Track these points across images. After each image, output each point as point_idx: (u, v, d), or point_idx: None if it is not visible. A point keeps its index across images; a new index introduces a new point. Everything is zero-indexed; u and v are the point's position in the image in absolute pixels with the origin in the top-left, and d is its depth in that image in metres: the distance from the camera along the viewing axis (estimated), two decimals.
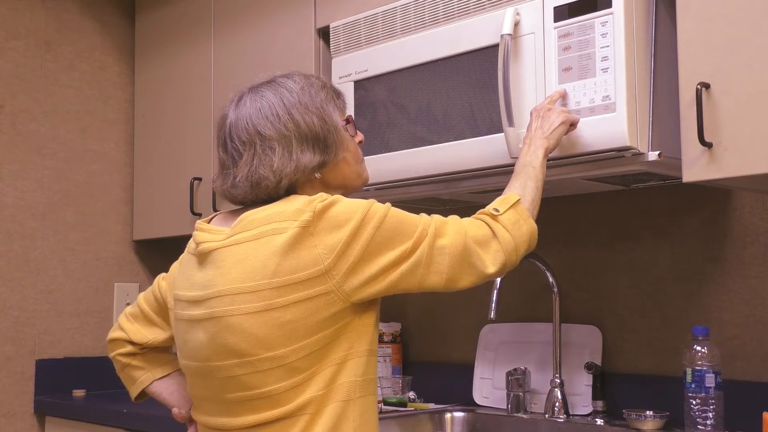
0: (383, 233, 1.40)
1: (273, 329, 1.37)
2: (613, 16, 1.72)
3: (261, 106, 1.50)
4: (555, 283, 2.20)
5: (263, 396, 1.40)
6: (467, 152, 1.95)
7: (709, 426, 1.81)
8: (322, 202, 1.39)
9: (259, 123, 1.49)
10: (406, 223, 1.43)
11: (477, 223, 1.52)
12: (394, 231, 1.41)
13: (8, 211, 2.89)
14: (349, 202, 1.41)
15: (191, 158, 2.83)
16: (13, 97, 2.92)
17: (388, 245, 1.40)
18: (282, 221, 1.39)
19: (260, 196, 1.47)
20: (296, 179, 1.47)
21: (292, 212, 1.39)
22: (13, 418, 2.85)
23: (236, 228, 1.44)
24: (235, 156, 1.49)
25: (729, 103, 1.59)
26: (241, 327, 1.39)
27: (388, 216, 1.41)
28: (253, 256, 1.39)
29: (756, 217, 1.96)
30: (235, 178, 1.48)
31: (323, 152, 1.49)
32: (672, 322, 2.08)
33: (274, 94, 1.51)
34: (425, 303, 2.62)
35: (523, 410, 2.20)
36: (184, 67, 2.89)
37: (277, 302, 1.37)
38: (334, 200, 1.41)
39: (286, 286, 1.36)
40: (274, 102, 1.50)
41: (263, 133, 1.47)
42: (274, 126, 1.47)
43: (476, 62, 1.94)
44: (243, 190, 1.48)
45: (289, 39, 2.51)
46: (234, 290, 1.39)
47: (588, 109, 1.74)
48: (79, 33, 3.09)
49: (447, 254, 1.44)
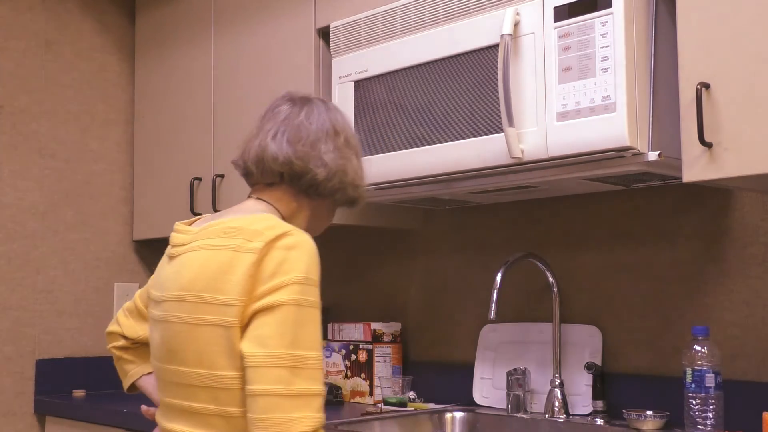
0: (294, 313, 1.31)
1: (206, 346, 1.35)
2: (613, 16, 1.72)
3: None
4: (555, 283, 2.20)
5: (217, 414, 1.36)
6: (467, 152, 1.95)
7: (709, 426, 1.81)
8: (279, 239, 1.35)
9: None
10: (310, 336, 1.31)
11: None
12: (299, 323, 1.31)
13: (8, 211, 2.89)
14: (300, 256, 1.34)
15: (191, 158, 2.83)
16: (13, 97, 2.92)
17: (283, 325, 1.30)
18: (235, 238, 1.37)
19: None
20: (342, 190, 1.52)
21: (250, 232, 1.36)
22: (13, 418, 2.85)
23: (200, 234, 1.43)
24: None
25: (729, 103, 1.59)
26: (182, 335, 1.38)
27: (313, 309, 1.33)
28: (204, 266, 1.38)
29: (756, 217, 1.96)
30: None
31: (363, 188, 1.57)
32: (672, 322, 2.08)
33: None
34: (425, 303, 2.62)
35: (523, 410, 2.20)
36: (184, 67, 2.89)
37: (207, 318, 1.35)
38: (292, 245, 1.35)
39: (213, 305, 1.35)
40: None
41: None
42: (354, 140, 1.58)
43: (476, 62, 1.94)
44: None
45: (289, 39, 2.51)
46: (181, 297, 1.39)
47: (588, 109, 1.74)
48: (79, 33, 3.09)
49: (285, 397, 1.29)
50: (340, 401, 2.54)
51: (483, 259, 2.48)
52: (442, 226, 2.58)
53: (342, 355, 2.62)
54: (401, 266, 2.69)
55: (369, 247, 2.79)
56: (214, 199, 2.68)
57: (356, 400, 2.56)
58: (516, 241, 2.41)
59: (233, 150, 2.68)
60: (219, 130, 2.73)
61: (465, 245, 2.52)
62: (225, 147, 2.70)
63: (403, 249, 2.69)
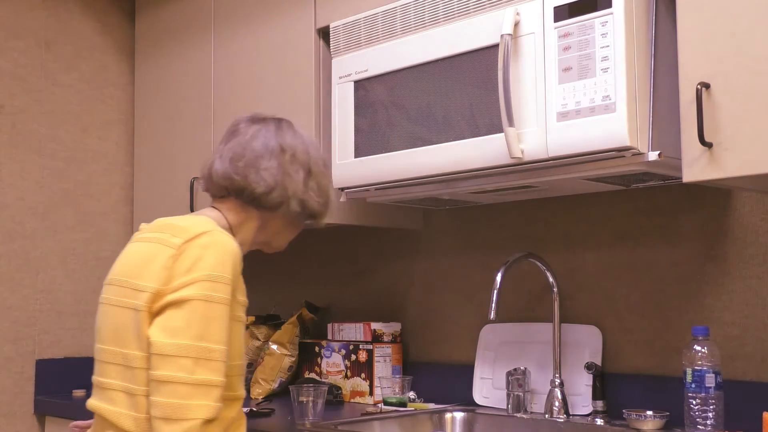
0: (202, 308, 1.41)
1: (119, 326, 1.47)
2: (613, 16, 1.72)
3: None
4: (555, 283, 2.20)
5: (122, 390, 1.47)
6: (467, 152, 1.95)
7: (709, 426, 1.81)
8: (198, 237, 1.47)
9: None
10: (216, 330, 1.42)
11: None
12: (207, 318, 1.41)
13: (8, 211, 2.89)
14: (215, 255, 1.45)
15: (191, 158, 2.83)
16: (13, 97, 2.92)
17: (192, 318, 1.40)
18: (164, 233, 1.51)
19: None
20: (286, 204, 1.63)
21: (177, 229, 1.50)
22: (13, 418, 2.85)
23: (145, 228, 1.58)
24: None
25: (729, 103, 1.59)
26: (105, 315, 1.51)
27: (221, 305, 1.43)
28: (133, 255, 1.52)
29: (756, 217, 1.96)
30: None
31: (321, 208, 1.69)
32: (672, 322, 2.08)
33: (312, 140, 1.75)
34: (425, 303, 2.62)
35: (523, 410, 2.20)
36: (184, 67, 2.89)
37: (123, 301, 1.48)
38: (209, 244, 1.46)
39: (130, 289, 1.48)
40: (315, 146, 1.73)
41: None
42: (306, 157, 1.69)
43: (476, 62, 1.94)
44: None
45: (289, 39, 2.51)
46: (112, 281, 1.54)
47: (588, 109, 1.74)
48: (79, 33, 3.09)
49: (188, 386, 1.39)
50: (340, 401, 2.54)
51: (483, 259, 2.48)
52: (442, 226, 2.58)
53: (342, 355, 2.62)
54: (401, 266, 2.69)
55: (369, 247, 2.79)
56: None
57: (356, 400, 2.56)
58: (516, 241, 2.41)
59: None
60: (219, 130, 2.73)
61: (465, 245, 2.52)
62: None
63: (403, 249, 2.69)
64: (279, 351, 2.70)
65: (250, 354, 2.79)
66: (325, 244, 2.95)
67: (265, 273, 3.16)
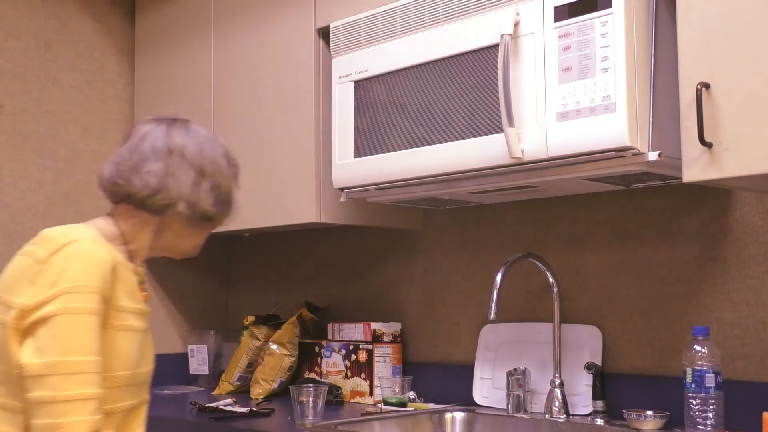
0: (67, 322, 1.39)
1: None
2: (613, 16, 1.72)
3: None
4: (555, 283, 2.20)
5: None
6: (467, 152, 1.95)
7: (709, 426, 1.81)
8: (62, 248, 1.44)
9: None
10: (84, 342, 1.40)
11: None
12: (72, 331, 1.39)
13: (8, 211, 2.89)
14: (77, 264, 1.43)
15: None
16: (13, 97, 2.92)
17: (57, 334, 1.38)
18: (35, 245, 1.48)
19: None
20: (173, 207, 1.58)
21: (45, 240, 1.47)
22: None
23: (34, 238, 1.54)
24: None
25: (729, 103, 1.59)
26: None
27: (87, 316, 1.41)
28: (11, 268, 1.50)
29: (756, 217, 1.96)
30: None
31: (215, 207, 1.62)
32: (672, 322, 2.08)
33: (211, 137, 1.67)
34: (425, 303, 2.62)
35: (523, 410, 2.20)
36: (184, 67, 2.89)
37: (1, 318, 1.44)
38: (71, 254, 1.44)
39: (6, 306, 1.44)
40: (213, 144, 1.65)
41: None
42: (199, 156, 1.62)
43: (476, 62, 1.94)
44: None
45: (289, 39, 2.51)
46: None
47: (588, 109, 1.74)
48: (79, 33, 3.09)
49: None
50: (340, 401, 2.54)
51: (483, 259, 2.48)
52: (442, 226, 2.58)
53: (342, 355, 2.62)
54: (401, 266, 2.69)
55: (369, 247, 2.79)
56: None
57: (356, 400, 2.56)
58: (516, 241, 2.41)
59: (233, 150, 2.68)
60: (219, 130, 2.72)
61: (465, 245, 2.52)
62: None
63: (403, 249, 2.69)
64: (279, 351, 2.70)
65: (250, 354, 2.79)
66: (325, 244, 2.95)
67: (265, 273, 3.16)
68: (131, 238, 1.60)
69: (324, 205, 2.39)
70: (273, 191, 2.50)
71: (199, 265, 3.26)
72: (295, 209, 2.44)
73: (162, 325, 3.15)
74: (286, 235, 3.05)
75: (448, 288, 2.56)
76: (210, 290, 3.30)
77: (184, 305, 3.22)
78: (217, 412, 2.35)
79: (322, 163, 2.39)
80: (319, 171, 2.39)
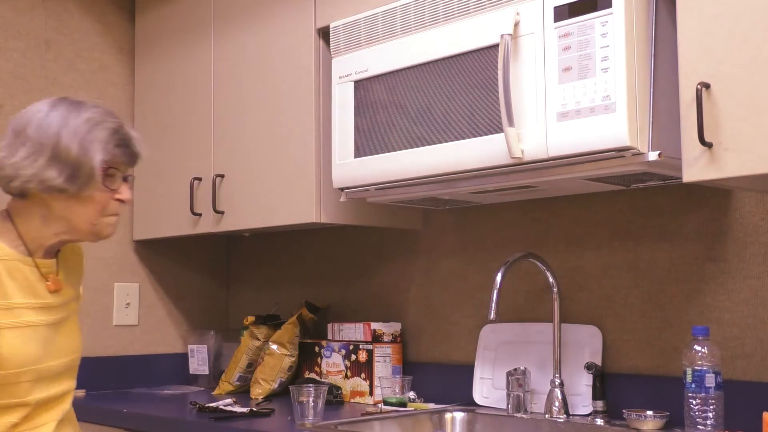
0: None
1: None
2: (613, 16, 1.72)
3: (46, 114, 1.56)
4: (555, 283, 2.20)
5: None
6: (467, 152, 1.95)
7: (709, 426, 1.81)
8: None
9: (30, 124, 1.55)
10: None
11: None
12: None
13: None
14: None
15: (191, 158, 2.83)
16: (13, 97, 2.92)
17: None
18: None
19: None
20: (29, 188, 1.52)
21: None
22: None
23: None
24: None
25: (729, 103, 1.59)
26: None
27: None
28: None
29: (756, 217, 1.96)
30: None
31: (68, 180, 1.52)
32: (672, 322, 2.08)
33: (66, 110, 1.56)
34: (425, 303, 2.62)
35: (523, 410, 2.20)
36: (184, 66, 2.89)
37: None
38: None
39: None
40: (56, 116, 1.55)
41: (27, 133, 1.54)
42: (38, 131, 1.53)
43: (476, 62, 1.94)
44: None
45: (289, 39, 2.51)
46: None
47: (588, 109, 1.74)
48: (79, 33, 3.09)
49: None
50: (340, 401, 2.54)
51: (483, 259, 2.48)
52: (442, 226, 2.58)
53: (342, 355, 2.62)
54: (401, 266, 2.69)
55: (369, 247, 2.79)
56: (214, 199, 2.68)
57: (356, 400, 2.56)
58: (516, 241, 2.41)
59: (233, 150, 2.69)
60: (219, 130, 2.73)
61: (465, 245, 2.52)
62: (225, 147, 2.70)
63: (403, 249, 2.69)
64: (279, 351, 2.70)
65: (250, 354, 2.79)
66: (325, 244, 2.95)
67: (265, 273, 3.16)
68: (24, 230, 1.56)
69: (324, 205, 2.39)
70: (273, 191, 2.50)
71: (199, 265, 3.26)
72: (295, 209, 2.44)
73: (162, 325, 3.15)
74: (286, 235, 3.06)
75: (448, 288, 2.56)
76: (210, 290, 3.30)
77: (184, 305, 3.22)
78: (217, 412, 2.35)
79: (322, 163, 2.39)
80: (319, 171, 2.39)
